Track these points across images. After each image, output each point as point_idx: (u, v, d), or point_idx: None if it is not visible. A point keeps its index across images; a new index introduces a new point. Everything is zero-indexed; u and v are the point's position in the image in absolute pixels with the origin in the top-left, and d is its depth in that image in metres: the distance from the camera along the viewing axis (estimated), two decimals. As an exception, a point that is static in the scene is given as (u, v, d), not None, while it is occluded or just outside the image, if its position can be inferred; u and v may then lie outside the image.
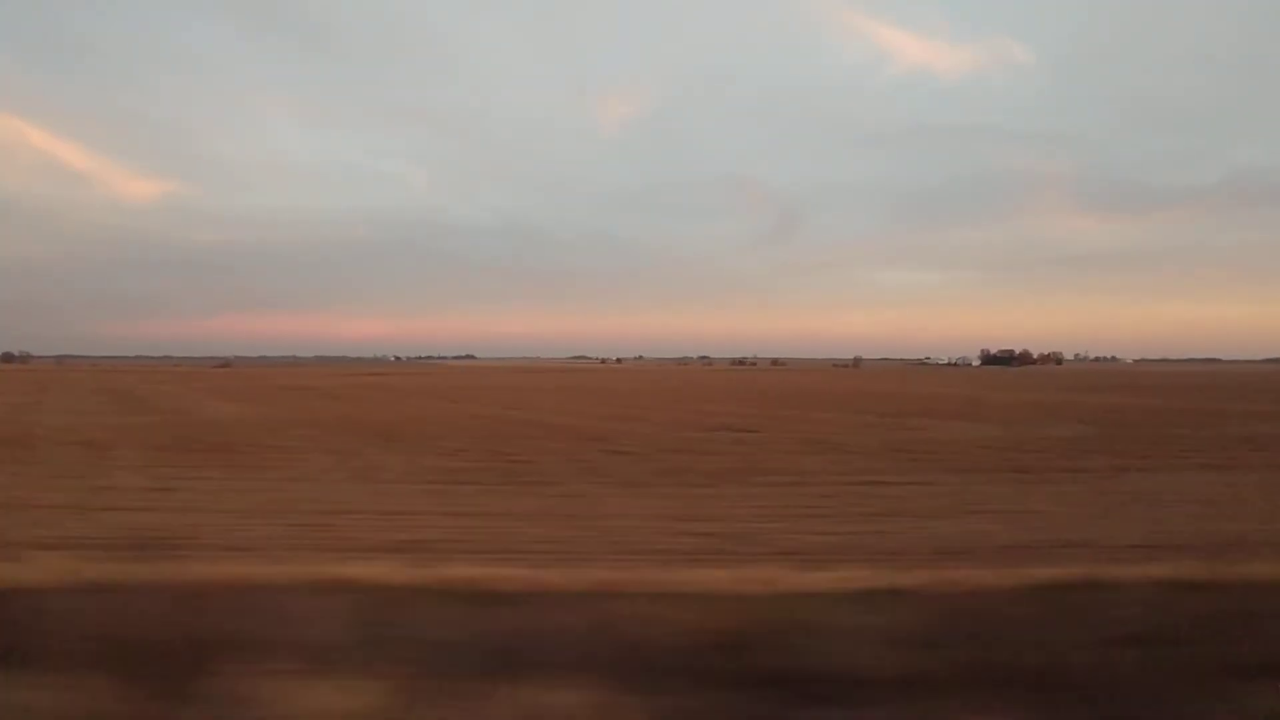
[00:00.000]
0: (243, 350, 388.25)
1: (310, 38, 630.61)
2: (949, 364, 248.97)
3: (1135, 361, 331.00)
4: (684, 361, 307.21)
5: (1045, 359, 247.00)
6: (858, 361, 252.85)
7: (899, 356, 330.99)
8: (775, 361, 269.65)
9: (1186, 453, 25.71)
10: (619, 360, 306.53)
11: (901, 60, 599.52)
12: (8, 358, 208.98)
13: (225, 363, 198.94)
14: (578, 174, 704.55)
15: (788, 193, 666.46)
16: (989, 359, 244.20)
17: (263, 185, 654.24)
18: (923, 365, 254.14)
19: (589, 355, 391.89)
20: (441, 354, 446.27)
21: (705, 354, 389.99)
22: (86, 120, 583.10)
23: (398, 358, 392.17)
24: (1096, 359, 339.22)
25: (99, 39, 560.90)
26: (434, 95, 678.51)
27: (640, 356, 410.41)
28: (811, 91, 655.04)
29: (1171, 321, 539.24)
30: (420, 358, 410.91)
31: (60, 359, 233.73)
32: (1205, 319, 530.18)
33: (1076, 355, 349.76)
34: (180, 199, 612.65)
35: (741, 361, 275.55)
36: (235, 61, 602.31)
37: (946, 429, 33.44)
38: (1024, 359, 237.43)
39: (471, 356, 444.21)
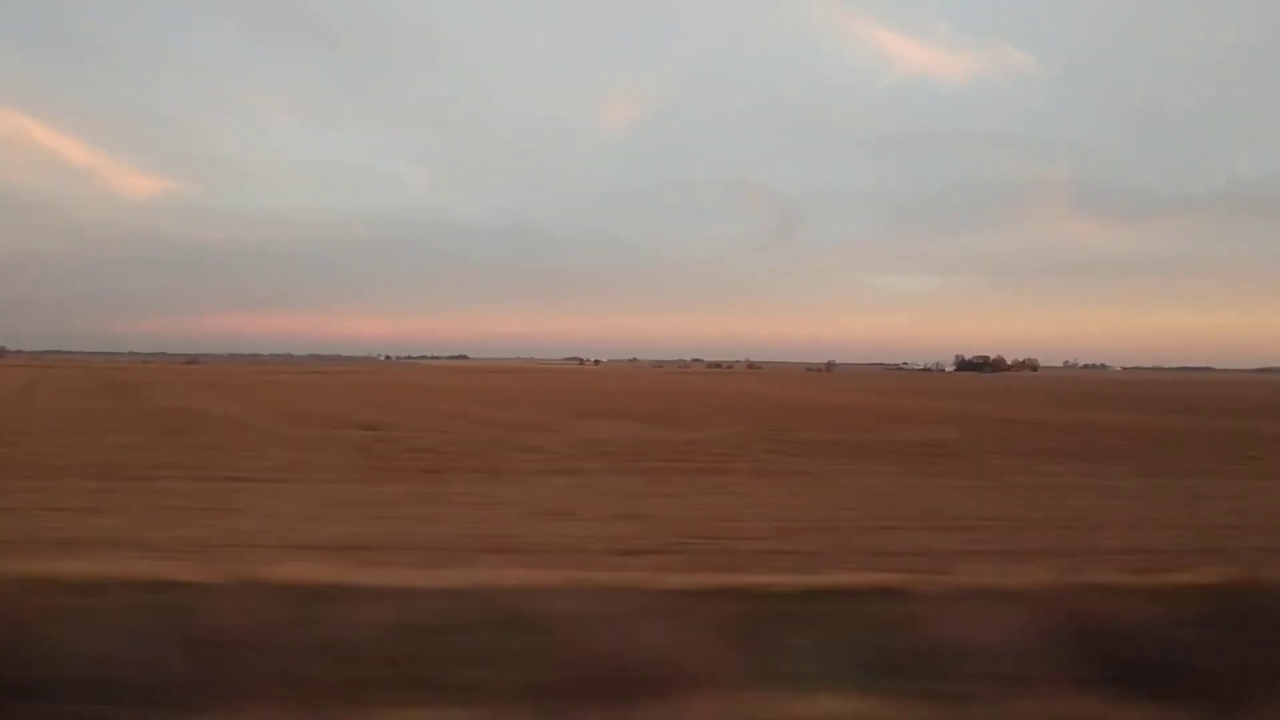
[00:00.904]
0: (241, 349, 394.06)
1: (313, 38, 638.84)
2: (923, 369, 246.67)
3: (1123, 369, 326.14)
4: (659, 364, 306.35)
5: (1020, 365, 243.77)
6: (830, 365, 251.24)
7: (893, 361, 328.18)
8: (751, 364, 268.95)
9: (744, 459, 24.68)
10: (597, 361, 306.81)
11: (902, 65, 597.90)
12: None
13: (193, 359, 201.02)
14: (578, 174, 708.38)
15: (788, 196, 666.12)
16: (964, 364, 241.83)
17: (264, 184, 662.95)
18: (899, 370, 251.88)
19: (582, 356, 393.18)
20: (435, 354, 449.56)
21: (698, 356, 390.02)
22: (89, 117, 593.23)
23: (387, 357, 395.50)
24: (1086, 366, 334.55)
25: (102, 36, 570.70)
26: (436, 95, 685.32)
27: (634, 359, 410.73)
28: (812, 95, 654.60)
29: (1170, 329, 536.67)
30: (408, 357, 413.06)
31: (36, 354, 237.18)
32: (1203, 327, 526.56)
33: (1066, 362, 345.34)
34: (181, 197, 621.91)
35: (719, 364, 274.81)
36: (238, 60, 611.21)
37: (597, 429, 32.71)
38: (997, 365, 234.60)
39: (465, 356, 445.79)
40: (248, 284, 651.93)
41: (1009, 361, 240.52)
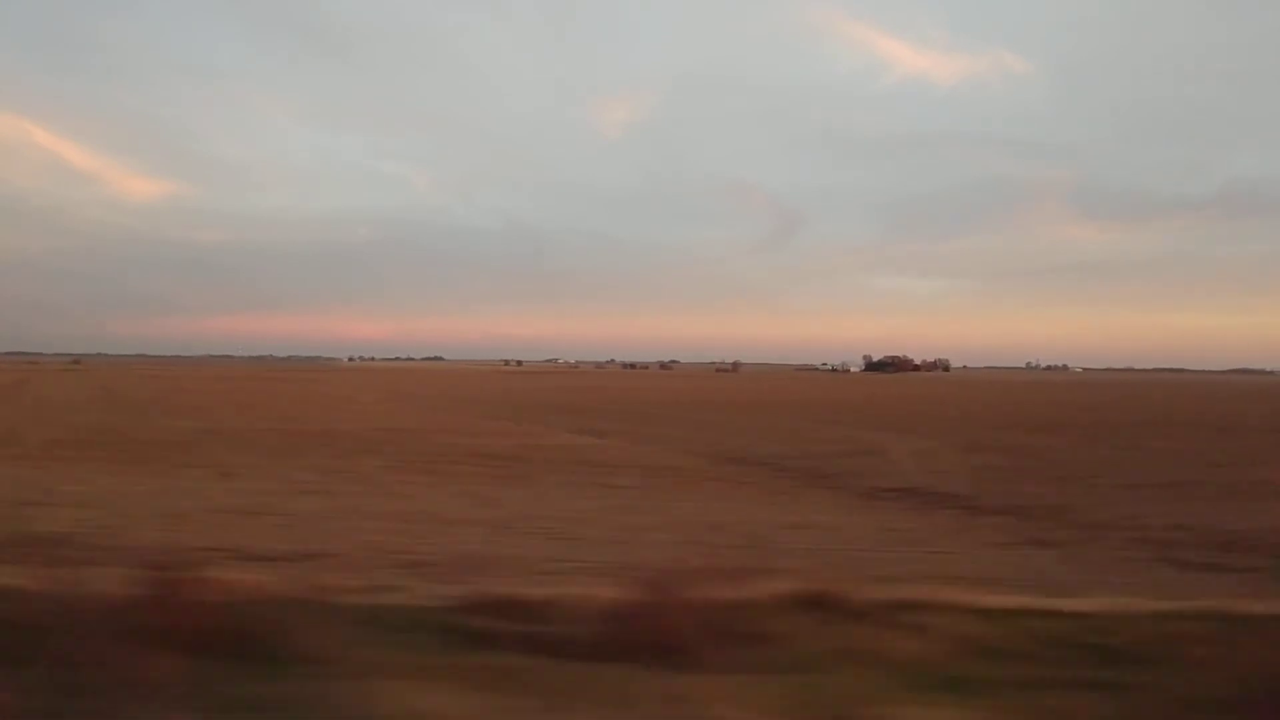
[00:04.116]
0: (240, 350, 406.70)
1: (314, 40, 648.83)
2: (831, 369, 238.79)
3: (1084, 370, 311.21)
4: (575, 363, 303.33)
5: (932, 365, 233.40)
6: (736, 365, 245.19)
7: (836, 362, 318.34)
8: (664, 365, 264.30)
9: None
10: (519, 363, 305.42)
11: (899, 68, 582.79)
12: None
13: (76, 360, 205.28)
14: (578, 176, 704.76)
15: (785, 198, 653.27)
16: (871, 365, 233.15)
17: (265, 186, 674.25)
18: (813, 370, 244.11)
19: (560, 357, 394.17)
20: (411, 355, 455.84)
21: (676, 358, 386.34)
22: (91, 120, 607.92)
23: (352, 359, 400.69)
24: (1048, 367, 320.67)
25: (104, 39, 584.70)
26: (438, 98, 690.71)
27: (612, 360, 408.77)
28: (810, 98, 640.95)
29: (1158, 330, 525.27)
30: (371, 358, 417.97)
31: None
32: (1191, 328, 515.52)
33: (1029, 364, 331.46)
34: (183, 198, 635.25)
35: (633, 365, 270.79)
36: (239, 62, 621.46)
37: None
38: (902, 365, 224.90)
39: (440, 358, 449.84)
40: (248, 285, 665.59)
41: (917, 362, 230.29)
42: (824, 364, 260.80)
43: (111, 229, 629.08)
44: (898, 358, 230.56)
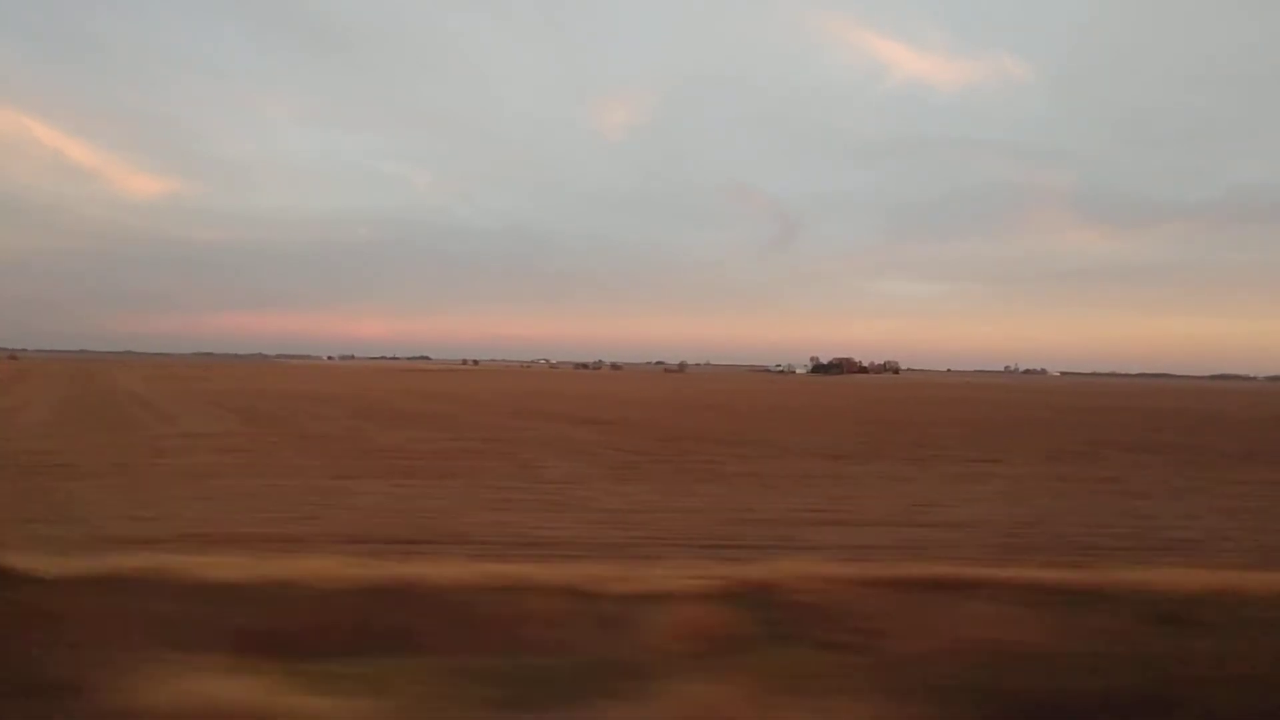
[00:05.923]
0: (238, 348, 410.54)
1: (316, 40, 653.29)
2: (779, 370, 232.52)
3: (1061, 374, 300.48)
4: (530, 362, 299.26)
5: (879, 368, 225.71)
6: (682, 366, 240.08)
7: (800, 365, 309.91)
8: (615, 366, 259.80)
9: None
10: (476, 362, 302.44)
11: (899, 72, 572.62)
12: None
13: (13, 355, 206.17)
14: (577, 177, 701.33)
15: (785, 201, 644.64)
16: (818, 367, 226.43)
17: (266, 185, 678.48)
18: (766, 372, 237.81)
19: (553, 358, 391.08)
20: (398, 354, 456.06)
21: (661, 359, 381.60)
22: (93, 118, 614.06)
23: (330, 357, 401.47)
24: (1026, 371, 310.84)
25: (107, 38, 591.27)
26: (438, 98, 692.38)
27: (600, 361, 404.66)
28: (810, 102, 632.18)
29: (1151, 335, 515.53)
30: (351, 356, 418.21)
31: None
32: (1184, 333, 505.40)
33: (1007, 367, 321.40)
34: (184, 197, 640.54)
35: (585, 365, 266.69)
36: (242, 62, 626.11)
37: None
38: (848, 367, 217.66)
39: (426, 357, 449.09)
40: (248, 284, 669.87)
41: (865, 364, 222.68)
42: (776, 366, 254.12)
43: (112, 227, 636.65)
44: (844, 360, 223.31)
